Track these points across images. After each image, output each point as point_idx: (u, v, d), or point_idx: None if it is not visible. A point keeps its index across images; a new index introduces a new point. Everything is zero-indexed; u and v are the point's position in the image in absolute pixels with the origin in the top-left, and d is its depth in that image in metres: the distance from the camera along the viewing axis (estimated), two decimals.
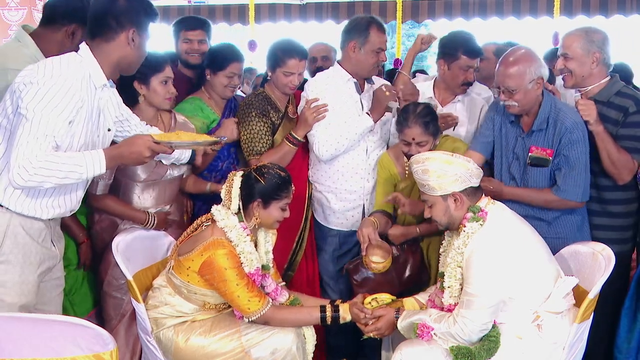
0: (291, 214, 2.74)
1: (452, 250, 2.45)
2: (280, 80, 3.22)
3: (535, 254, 2.42)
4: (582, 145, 2.78)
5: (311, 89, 3.25)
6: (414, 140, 2.90)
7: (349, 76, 3.25)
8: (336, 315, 2.61)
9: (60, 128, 2.13)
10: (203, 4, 7.36)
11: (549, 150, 2.81)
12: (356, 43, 3.20)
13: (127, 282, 2.63)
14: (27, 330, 1.85)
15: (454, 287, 2.44)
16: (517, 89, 2.76)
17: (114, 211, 2.91)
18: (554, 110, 2.82)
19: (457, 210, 2.45)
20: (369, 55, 3.20)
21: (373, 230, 2.89)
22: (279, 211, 2.64)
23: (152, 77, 2.85)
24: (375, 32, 3.18)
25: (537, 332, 2.38)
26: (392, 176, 3.13)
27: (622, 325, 2.93)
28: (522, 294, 2.39)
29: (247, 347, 2.56)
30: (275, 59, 3.21)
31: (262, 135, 3.20)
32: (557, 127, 2.79)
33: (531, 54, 2.81)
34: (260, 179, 2.59)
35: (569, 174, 2.78)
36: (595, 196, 2.92)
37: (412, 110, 2.92)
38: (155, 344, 2.64)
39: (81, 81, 2.20)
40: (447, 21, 6.81)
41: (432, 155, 2.48)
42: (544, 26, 6.63)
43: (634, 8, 6.34)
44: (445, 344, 2.38)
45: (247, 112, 3.22)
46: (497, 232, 2.39)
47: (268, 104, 3.24)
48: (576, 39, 2.87)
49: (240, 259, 2.55)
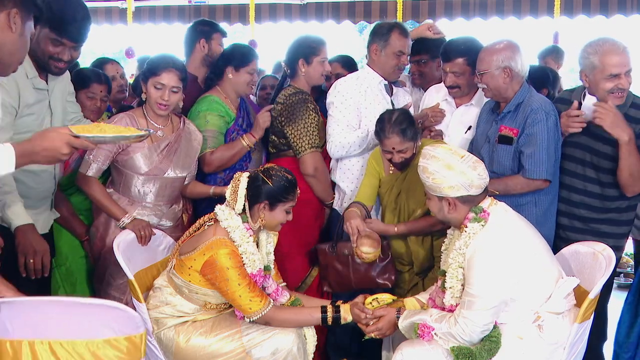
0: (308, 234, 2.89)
1: (453, 251, 2.45)
2: (317, 69, 3.31)
3: (536, 255, 2.42)
4: (545, 125, 2.85)
5: (340, 89, 3.30)
6: (394, 149, 2.91)
7: (380, 78, 3.33)
8: (337, 316, 2.61)
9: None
10: (203, 4, 7.35)
11: (515, 130, 2.92)
12: (377, 46, 3.32)
13: (129, 281, 2.63)
14: (64, 313, 1.88)
15: (456, 288, 2.44)
16: (484, 72, 2.95)
17: (95, 198, 2.88)
18: (527, 97, 2.95)
19: (451, 213, 2.45)
20: (390, 57, 3.30)
21: (361, 221, 2.93)
22: (283, 214, 2.64)
23: (149, 78, 2.87)
24: (396, 35, 3.29)
25: (538, 332, 2.38)
26: (378, 172, 3.16)
27: (623, 320, 2.93)
28: (524, 295, 2.39)
29: (248, 347, 2.56)
30: (310, 49, 3.30)
31: (319, 128, 3.28)
32: (524, 110, 2.91)
33: (510, 46, 2.96)
34: (268, 180, 2.59)
35: (532, 153, 2.86)
36: (598, 193, 2.94)
37: (388, 120, 2.91)
38: (156, 344, 2.64)
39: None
40: (447, 21, 6.79)
41: (437, 153, 2.43)
42: (545, 26, 6.63)
43: (634, 8, 6.33)
44: (446, 344, 2.38)
45: (301, 106, 3.24)
46: (499, 233, 2.38)
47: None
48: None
49: (242, 259, 2.56)
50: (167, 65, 2.89)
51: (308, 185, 3.28)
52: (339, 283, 3.11)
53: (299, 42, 3.37)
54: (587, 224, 2.97)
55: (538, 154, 2.85)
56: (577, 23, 6.55)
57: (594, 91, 2.86)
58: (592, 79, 2.84)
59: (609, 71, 2.77)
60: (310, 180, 3.29)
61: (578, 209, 2.99)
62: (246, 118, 3.38)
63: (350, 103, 3.27)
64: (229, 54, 3.37)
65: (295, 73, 3.36)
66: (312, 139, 3.25)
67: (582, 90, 2.98)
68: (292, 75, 3.39)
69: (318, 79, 3.38)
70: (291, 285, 3.05)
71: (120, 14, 7.33)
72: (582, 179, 2.96)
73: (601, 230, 2.94)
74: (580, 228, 2.98)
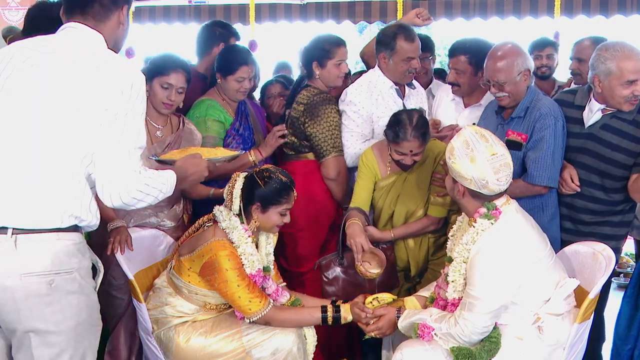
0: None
1: (459, 245, 2.43)
2: (332, 72, 3.26)
3: (541, 260, 2.39)
4: (553, 131, 2.82)
5: (352, 98, 3.24)
6: (411, 152, 2.89)
7: (391, 83, 3.29)
8: (337, 316, 2.61)
9: None
10: (203, 4, 7.34)
11: (524, 135, 2.89)
12: (385, 54, 3.26)
13: (129, 281, 2.64)
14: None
15: (458, 282, 2.43)
16: (507, 82, 2.86)
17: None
18: (535, 100, 2.91)
19: (460, 199, 2.43)
20: (398, 64, 3.24)
21: (365, 239, 2.88)
22: (277, 216, 2.63)
23: (155, 77, 2.86)
24: (402, 41, 3.21)
25: (537, 333, 2.38)
26: (373, 174, 3.11)
27: (623, 312, 2.93)
28: (525, 298, 2.38)
29: (248, 347, 2.56)
30: (324, 52, 3.23)
31: (340, 129, 3.24)
32: (533, 114, 2.87)
33: (517, 47, 2.92)
34: (261, 182, 2.59)
35: (537, 158, 2.83)
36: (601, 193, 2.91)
37: (409, 123, 2.86)
38: (156, 344, 2.65)
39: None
40: (447, 21, 6.78)
41: (473, 141, 2.35)
42: (545, 26, 6.62)
43: (634, 8, 6.32)
44: (445, 344, 2.38)
45: (325, 106, 3.21)
46: (506, 235, 2.36)
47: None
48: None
49: (241, 260, 2.55)
50: (176, 65, 2.90)
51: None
52: (350, 295, 2.91)
53: (314, 44, 3.29)
54: (591, 227, 2.94)
55: (543, 160, 2.82)
56: (577, 23, 6.55)
57: (607, 97, 2.78)
58: (607, 84, 2.74)
59: (626, 77, 2.69)
60: (330, 184, 3.26)
61: (582, 214, 2.95)
62: (244, 122, 3.33)
63: (362, 113, 3.22)
64: (218, 59, 3.29)
65: (312, 75, 3.31)
66: (336, 142, 3.22)
67: (587, 93, 2.92)
68: (309, 76, 3.34)
69: (334, 81, 3.31)
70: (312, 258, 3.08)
71: None
72: (587, 185, 2.90)
73: (604, 232, 2.91)
74: (584, 232, 2.94)
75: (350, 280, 3.02)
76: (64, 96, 1.89)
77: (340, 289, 3.01)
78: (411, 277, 3.14)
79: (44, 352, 1.91)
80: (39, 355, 1.90)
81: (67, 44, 1.97)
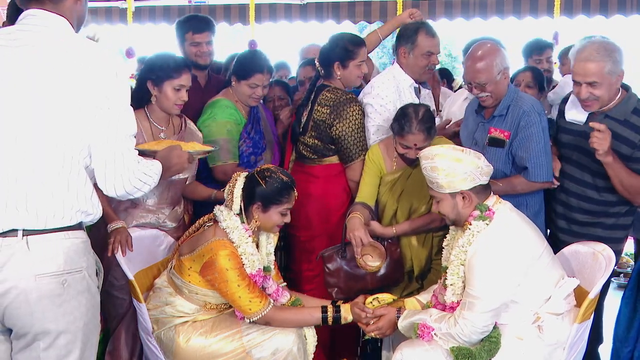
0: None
1: (455, 248, 2.44)
2: (354, 73, 3.25)
3: (539, 258, 2.40)
4: (539, 126, 2.86)
5: (379, 92, 3.25)
6: (416, 145, 2.89)
7: (411, 81, 3.31)
8: (337, 316, 2.61)
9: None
10: (203, 4, 7.33)
11: (507, 132, 2.91)
12: (405, 48, 3.28)
13: (129, 282, 2.64)
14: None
15: (457, 285, 2.44)
16: (488, 82, 2.89)
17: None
18: (515, 99, 2.94)
19: (465, 208, 2.44)
20: (419, 59, 3.27)
21: (365, 232, 2.89)
22: (278, 216, 2.64)
23: (166, 81, 2.84)
24: (423, 36, 3.26)
25: (537, 333, 2.38)
26: (379, 169, 3.12)
27: (622, 314, 2.93)
28: (525, 297, 2.39)
29: (248, 347, 2.56)
30: (347, 52, 3.22)
31: (364, 130, 3.24)
32: (515, 112, 2.90)
33: (495, 47, 2.94)
34: (262, 182, 2.59)
35: (530, 156, 2.86)
36: (596, 197, 2.92)
37: (415, 116, 2.88)
38: (156, 344, 2.65)
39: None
40: (447, 21, 6.77)
41: (441, 151, 2.43)
42: (544, 26, 6.62)
43: (634, 8, 6.32)
44: (445, 344, 2.38)
45: (351, 106, 3.19)
46: (502, 234, 2.37)
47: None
48: (603, 65, 2.68)
49: (242, 260, 2.56)
50: (185, 65, 2.91)
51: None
52: (352, 287, 2.99)
53: (336, 44, 3.24)
54: (585, 228, 2.94)
55: (537, 157, 2.85)
56: (577, 23, 6.55)
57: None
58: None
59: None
60: (354, 186, 3.25)
61: (575, 213, 2.96)
62: (255, 125, 3.33)
63: (389, 107, 3.21)
64: (236, 62, 3.30)
65: (331, 75, 3.28)
66: (364, 145, 3.21)
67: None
68: (327, 76, 3.30)
69: (354, 82, 3.31)
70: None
71: (120, 14, 7.31)
72: (580, 184, 2.92)
73: (596, 234, 2.90)
74: (578, 232, 2.95)
75: (352, 273, 3.02)
76: (51, 92, 1.84)
77: (341, 281, 3.02)
78: (414, 277, 3.14)
79: (51, 355, 1.90)
80: (46, 357, 1.89)
81: (36, 36, 1.88)
